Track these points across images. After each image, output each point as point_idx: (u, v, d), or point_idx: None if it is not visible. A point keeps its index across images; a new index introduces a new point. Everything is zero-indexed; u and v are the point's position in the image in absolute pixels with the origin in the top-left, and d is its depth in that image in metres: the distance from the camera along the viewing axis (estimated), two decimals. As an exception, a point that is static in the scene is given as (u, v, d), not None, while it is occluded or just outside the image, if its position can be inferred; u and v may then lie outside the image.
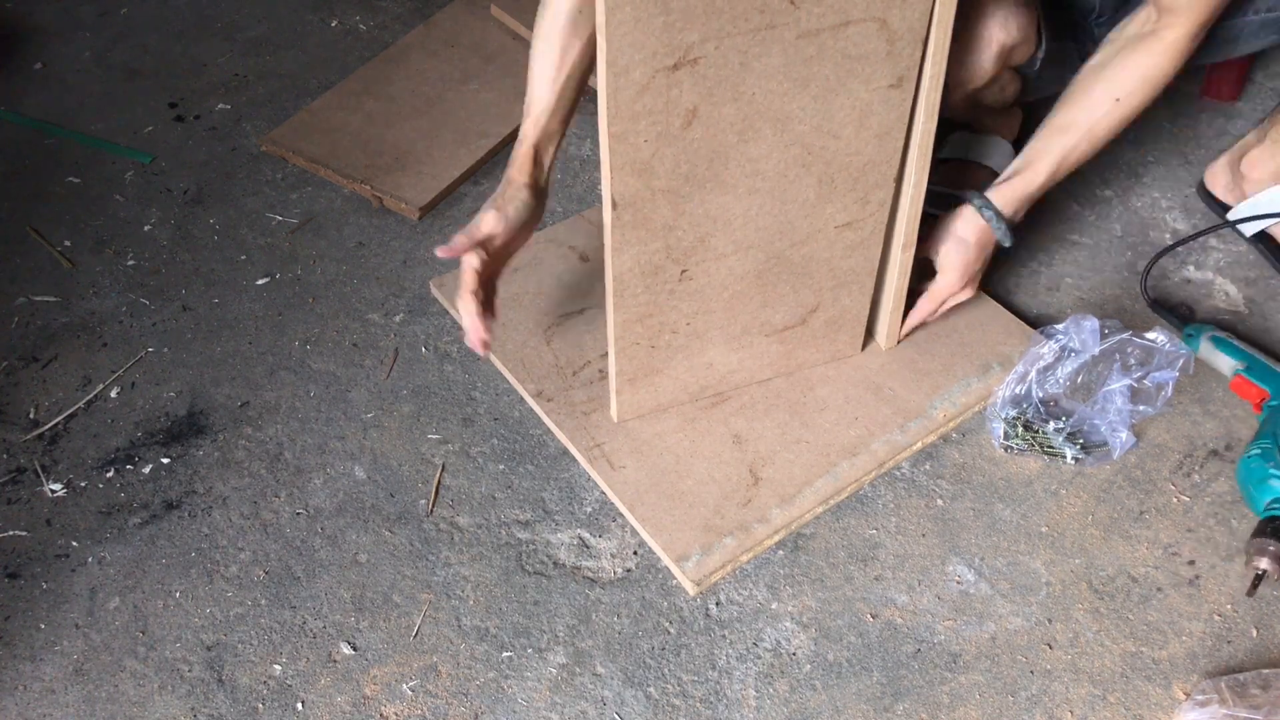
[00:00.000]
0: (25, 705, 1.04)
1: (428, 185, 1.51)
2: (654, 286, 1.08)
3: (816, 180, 1.05)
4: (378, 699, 1.04)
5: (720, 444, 1.19)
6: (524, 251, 1.40)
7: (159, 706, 1.04)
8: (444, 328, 1.36)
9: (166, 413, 1.28)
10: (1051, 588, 1.10)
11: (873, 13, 0.94)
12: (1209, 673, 1.03)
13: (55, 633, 1.10)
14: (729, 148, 0.99)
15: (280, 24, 1.85)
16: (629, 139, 0.95)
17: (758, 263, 1.10)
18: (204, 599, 1.12)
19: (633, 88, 0.91)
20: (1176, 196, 1.48)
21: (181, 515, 1.19)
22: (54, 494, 1.21)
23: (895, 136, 1.05)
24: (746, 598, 1.10)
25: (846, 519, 1.16)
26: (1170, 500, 1.17)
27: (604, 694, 1.04)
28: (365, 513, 1.18)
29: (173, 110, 1.69)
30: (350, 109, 1.63)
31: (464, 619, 1.09)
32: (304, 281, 1.43)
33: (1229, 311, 1.34)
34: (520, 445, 1.23)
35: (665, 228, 1.03)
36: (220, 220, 1.52)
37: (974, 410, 1.23)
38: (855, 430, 1.20)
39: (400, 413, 1.27)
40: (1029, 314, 1.34)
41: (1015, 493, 1.17)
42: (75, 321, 1.39)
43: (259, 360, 1.34)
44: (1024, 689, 1.03)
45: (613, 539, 1.15)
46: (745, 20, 0.91)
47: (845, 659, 1.06)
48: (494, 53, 1.72)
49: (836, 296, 1.18)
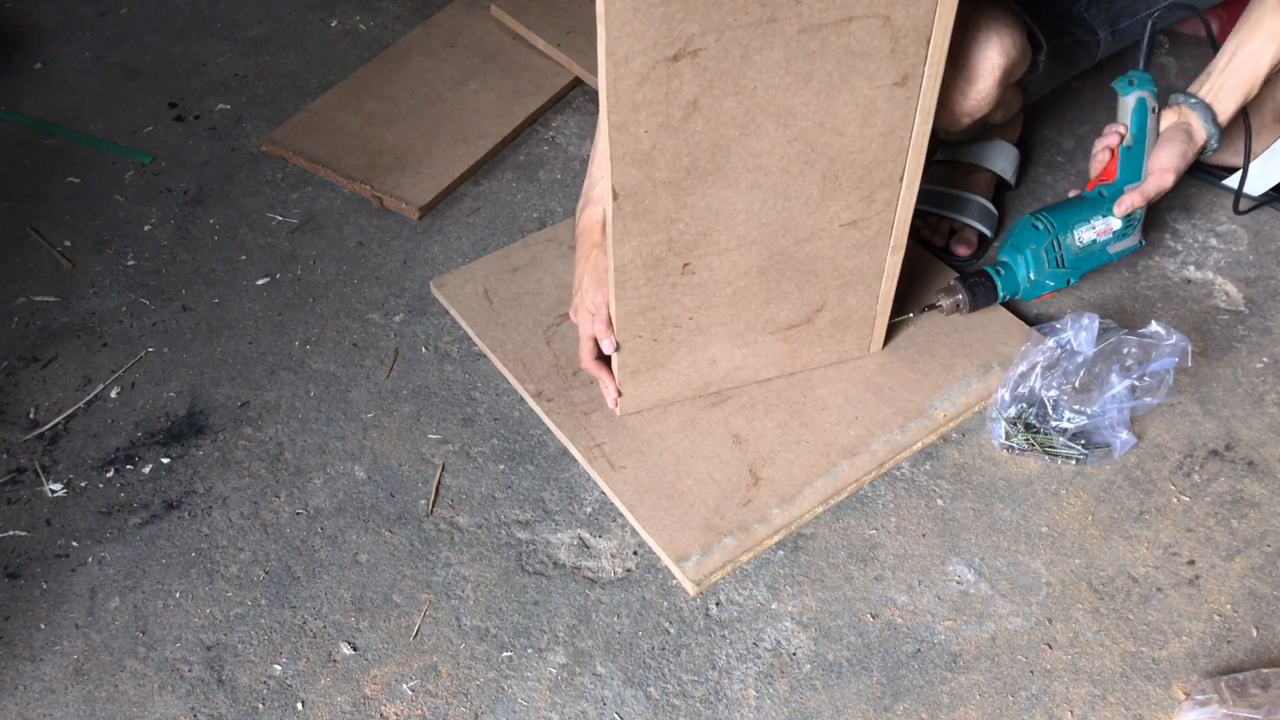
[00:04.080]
0: (25, 705, 1.04)
1: (428, 185, 1.51)
2: (656, 279, 1.08)
3: (820, 177, 1.05)
4: (378, 699, 1.04)
5: (720, 444, 1.19)
6: (524, 251, 1.41)
7: (159, 706, 1.04)
8: (444, 328, 1.36)
9: (166, 413, 1.28)
10: (1051, 588, 1.10)
11: (876, 9, 0.94)
12: (1209, 673, 1.03)
13: (55, 633, 1.09)
14: (730, 141, 0.99)
15: (280, 24, 1.85)
16: (629, 129, 0.95)
17: (761, 259, 1.10)
18: (204, 599, 1.11)
19: (632, 78, 0.91)
20: (1176, 195, 1.48)
21: (181, 515, 1.18)
22: (54, 494, 1.21)
23: (900, 135, 1.05)
24: (746, 598, 1.10)
25: (846, 519, 1.16)
26: (1170, 500, 1.17)
27: (604, 694, 1.04)
28: (365, 513, 1.18)
29: (173, 110, 1.69)
30: (350, 109, 1.63)
31: (464, 619, 1.09)
32: (304, 281, 1.43)
33: (1229, 311, 1.34)
34: (520, 445, 1.23)
35: (667, 220, 1.03)
36: (220, 220, 1.52)
37: (974, 410, 1.23)
38: (855, 430, 1.20)
39: (400, 413, 1.27)
40: (1028, 314, 1.34)
41: (1015, 493, 1.17)
42: (75, 321, 1.39)
43: (259, 360, 1.34)
44: (1024, 689, 1.03)
45: (613, 539, 1.15)
46: (746, 13, 0.90)
47: (845, 659, 1.05)
48: (494, 53, 1.72)
49: (842, 296, 1.18)
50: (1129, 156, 1.20)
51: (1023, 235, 1.24)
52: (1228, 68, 1.16)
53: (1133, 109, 1.17)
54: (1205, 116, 1.17)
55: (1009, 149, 1.46)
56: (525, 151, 1.59)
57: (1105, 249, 1.26)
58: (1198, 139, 1.19)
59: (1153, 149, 1.20)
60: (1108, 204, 1.23)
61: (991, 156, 1.45)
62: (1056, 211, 1.24)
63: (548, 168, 1.56)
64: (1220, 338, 1.32)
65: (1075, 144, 1.58)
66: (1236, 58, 1.16)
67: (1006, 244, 1.26)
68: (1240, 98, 1.17)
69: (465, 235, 1.47)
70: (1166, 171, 1.19)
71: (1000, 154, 1.45)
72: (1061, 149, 1.57)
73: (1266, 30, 1.14)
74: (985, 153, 1.45)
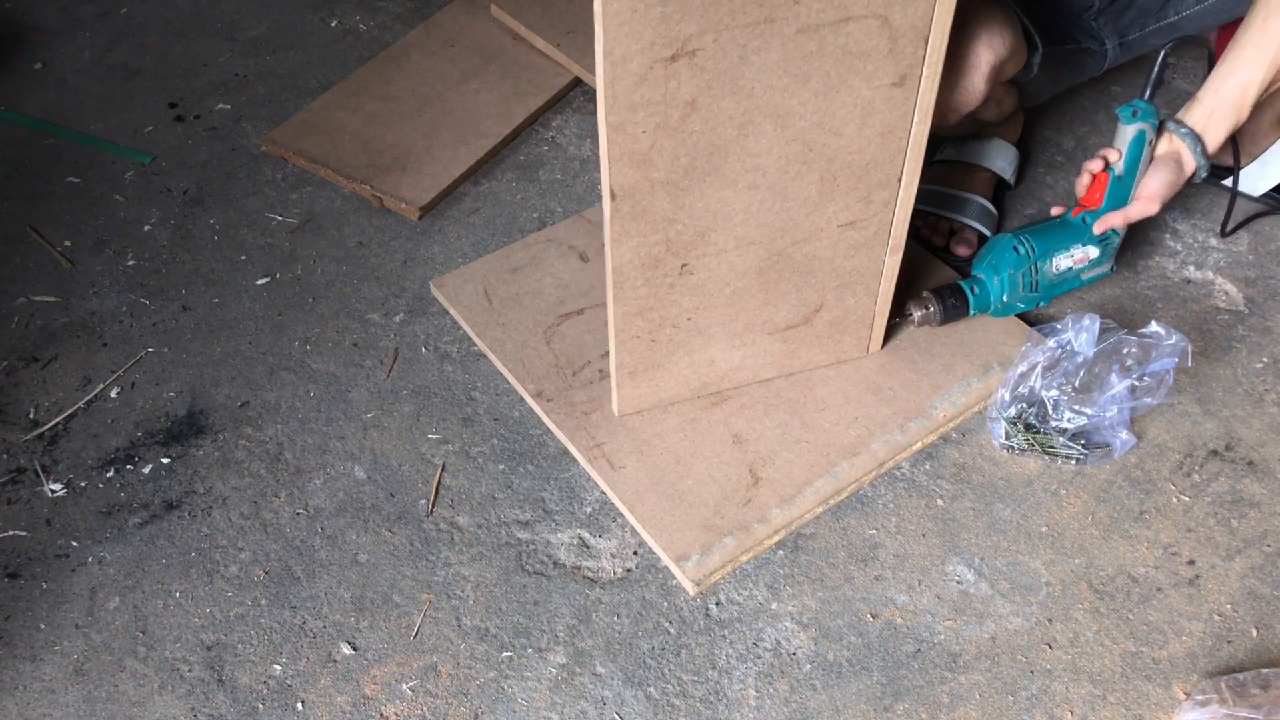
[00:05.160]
0: (25, 705, 1.04)
1: (428, 185, 1.52)
2: (654, 280, 1.08)
3: (818, 177, 1.05)
4: (378, 699, 1.04)
5: (720, 444, 1.19)
6: (524, 251, 1.41)
7: (159, 706, 1.04)
8: (444, 328, 1.36)
9: (166, 413, 1.28)
10: (1051, 588, 1.10)
11: (874, 9, 0.94)
12: (1209, 673, 1.03)
13: (55, 633, 1.10)
14: (728, 141, 0.99)
15: (280, 24, 1.85)
16: (627, 129, 0.95)
17: (759, 259, 1.10)
18: (204, 599, 1.12)
19: (630, 78, 0.91)
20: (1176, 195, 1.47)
21: (181, 515, 1.19)
22: (54, 494, 1.21)
23: (898, 135, 1.05)
24: (746, 598, 1.10)
25: (846, 519, 1.16)
26: (1170, 500, 1.17)
27: (604, 694, 1.04)
28: (365, 513, 1.18)
29: (173, 110, 1.69)
30: (350, 109, 1.63)
31: (464, 619, 1.09)
32: (304, 281, 1.43)
33: (1229, 311, 1.34)
34: (520, 445, 1.23)
35: (665, 220, 1.03)
36: (220, 220, 1.52)
37: (974, 410, 1.23)
38: (855, 430, 1.20)
39: (400, 413, 1.27)
40: (1028, 314, 1.34)
41: (1015, 493, 1.17)
42: (75, 321, 1.39)
43: (259, 360, 1.34)
44: (1024, 689, 1.03)
45: (613, 539, 1.15)
46: (744, 13, 0.90)
47: (845, 659, 1.05)
48: (494, 53, 1.72)
49: (840, 297, 1.18)
50: (1118, 186, 1.21)
51: (1002, 256, 1.24)
52: (1218, 94, 1.17)
53: (1131, 140, 1.18)
54: (1195, 149, 1.19)
55: (1009, 149, 1.46)
56: (525, 151, 1.59)
57: (1079, 276, 1.28)
58: (1186, 169, 1.21)
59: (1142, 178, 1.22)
60: (1089, 232, 1.24)
61: (991, 156, 1.45)
62: (1039, 236, 1.24)
63: (548, 168, 1.56)
64: (1220, 338, 1.32)
65: (1075, 144, 1.57)
66: (1226, 84, 1.17)
67: (985, 260, 1.26)
68: (1230, 126, 1.18)
69: (465, 235, 1.48)
70: (1153, 200, 1.21)
71: (1000, 154, 1.45)
72: (1061, 149, 1.57)
73: (1252, 55, 1.14)
74: (985, 152, 1.45)
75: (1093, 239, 1.24)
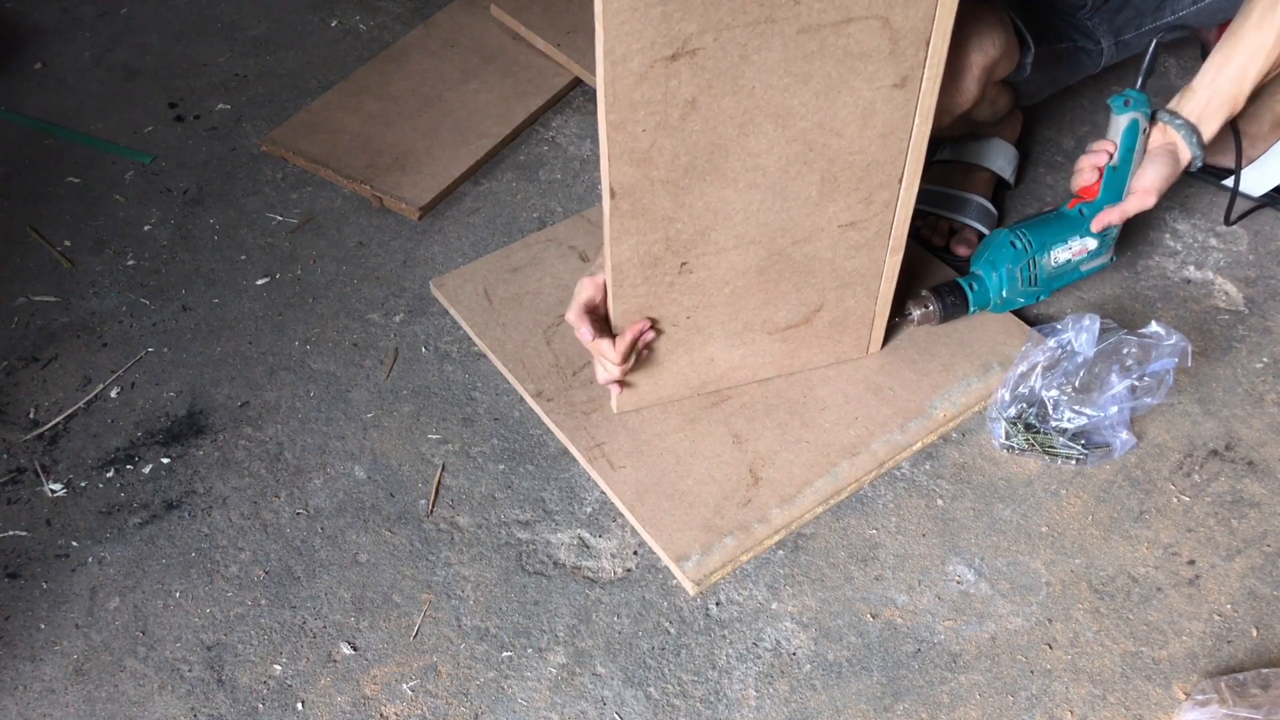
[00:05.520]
0: (25, 705, 1.04)
1: (428, 185, 1.51)
2: (653, 278, 1.08)
3: (819, 178, 1.05)
4: (378, 699, 1.04)
5: (720, 444, 1.19)
6: (524, 251, 1.41)
7: (159, 706, 1.04)
8: (444, 328, 1.36)
9: (166, 413, 1.28)
10: (1051, 588, 1.10)
11: (875, 10, 0.94)
12: (1209, 673, 1.03)
13: (55, 633, 1.10)
14: (729, 141, 0.99)
15: (280, 24, 1.85)
16: (627, 128, 0.95)
17: (759, 259, 1.10)
18: (204, 599, 1.12)
19: (630, 77, 0.91)
20: (1175, 195, 1.48)
21: (181, 515, 1.19)
22: (54, 494, 1.21)
23: (899, 137, 1.05)
24: (746, 598, 1.10)
25: (846, 519, 1.16)
26: (1170, 500, 1.17)
27: (604, 694, 1.04)
28: (365, 513, 1.18)
29: (173, 110, 1.69)
30: (350, 109, 1.63)
31: (464, 619, 1.09)
32: (304, 281, 1.43)
33: (1229, 311, 1.34)
34: (520, 445, 1.23)
35: (665, 219, 1.03)
36: (220, 220, 1.52)
37: (974, 410, 1.23)
38: (855, 430, 1.20)
39: (400, 413, 1.27)
40: (1028, 314, 1.34)
41: (1015, 493, 1.17)
42: (75, 321, 1.39)
43: (259, 360, 1.34)
44: (1024, 689, 1.03)
45: (613, 539, 1.15)
46: (744, 13, 0.90)
47: (845, 659, 1.05)
48: (494, 53, 1.72)
49: (841, 297, 1.18)
50: (1114, 177, 1.20)
51: (1000, 251, 1.24)
52: (1213, 84, 1.16)
53: (1124, 129, 1.17)
54: (1190, 139, 1.18)
55: (1008, 149, 1.46)
56: (525, 151, 1.59)
57: (1078, 268, 1.27)
58: (1182, 160, 1.19)
59: (1138, 170, 1.21)
60: (1086, 224, 1.23)
61: (991, 156, 1.45)
62: (1035, 230, 1.24)
63: (548, 168, 1.56)
64: (1220, 338, 1.32)
65: (1075, 144, 1.57)
66: (1221, 74, 1.16)
67: (982, 257, 1.26)
68: (1224, 116, 1.18)
69: (465, 235, 1.48)
70: (1149, 193, 1.19)
71: (999, 154, 1.45)
72: (1061, 149, 1.57)
73: (1248, 47, 1.14)
74: (984, 152, 1.45)
75: (1090, 231, 1.24)
